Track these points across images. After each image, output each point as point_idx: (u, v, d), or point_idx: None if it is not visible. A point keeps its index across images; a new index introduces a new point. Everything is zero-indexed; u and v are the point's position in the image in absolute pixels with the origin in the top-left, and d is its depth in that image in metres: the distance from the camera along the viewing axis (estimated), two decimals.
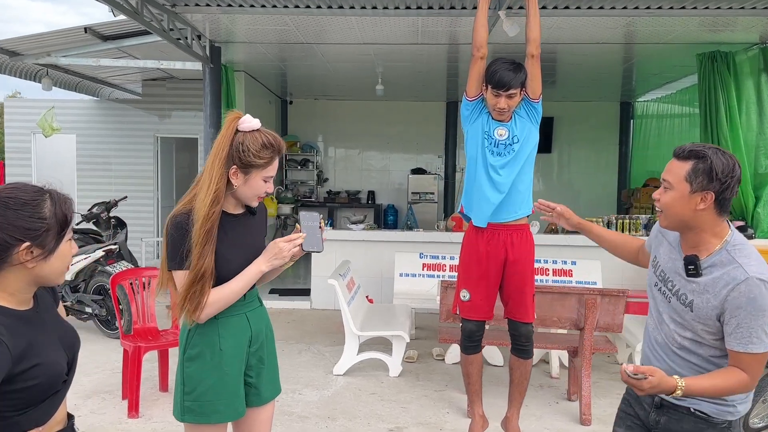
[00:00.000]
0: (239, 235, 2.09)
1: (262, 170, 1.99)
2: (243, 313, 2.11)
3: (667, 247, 1.94)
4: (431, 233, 6.73)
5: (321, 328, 6.10)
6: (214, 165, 1.99)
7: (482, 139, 3.12)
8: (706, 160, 1.74)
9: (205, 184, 1.98)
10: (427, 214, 10.37)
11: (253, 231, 2.15)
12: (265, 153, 1.98)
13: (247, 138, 1.98)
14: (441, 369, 4.93)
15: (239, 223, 2.10)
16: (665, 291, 1.89)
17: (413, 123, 10.98)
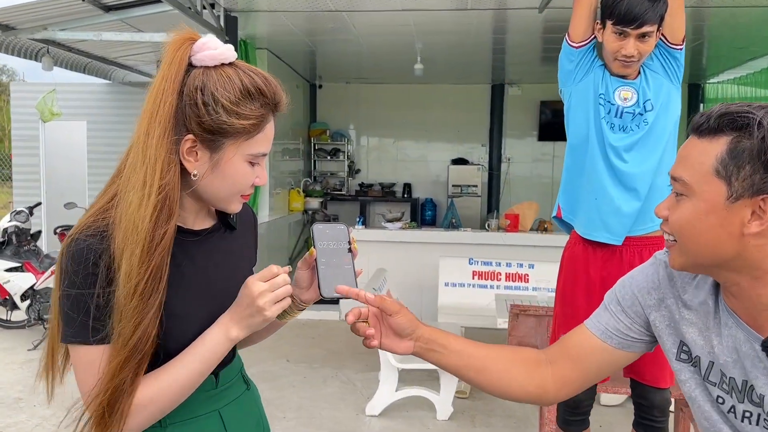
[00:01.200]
0: (204, 270, 1.16)
1: (245, 141, 1.07)
2: (213, 412, 1.17)
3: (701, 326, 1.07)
4: (481, 234, 5.72)
5: (352, 346, 5.14)
6: (150, 136, 1.04)
7: (595, 105, 2.08)
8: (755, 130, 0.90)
9: (137, 177, 1.04)
10: (469, 209, 9.31)
11: (231, 260, 1.22)
12: (249, 107, 1.06)
13: (212, 78, 1.05)
14: (502, 408, 3.93)
15: (204, 247, 1.17)
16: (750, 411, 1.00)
17: (454, 108, 9.91)
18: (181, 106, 1.05)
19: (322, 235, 1.21)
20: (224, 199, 1.12)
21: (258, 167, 1.12)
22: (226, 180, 1.09)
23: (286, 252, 8.42)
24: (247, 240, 1.30)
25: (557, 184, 9.28)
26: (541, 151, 9.84)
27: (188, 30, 1.08)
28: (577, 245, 2.19)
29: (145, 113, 1.07)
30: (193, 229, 1.16)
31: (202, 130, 1.05)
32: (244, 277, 1.24)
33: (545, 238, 5.61)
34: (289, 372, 4.52)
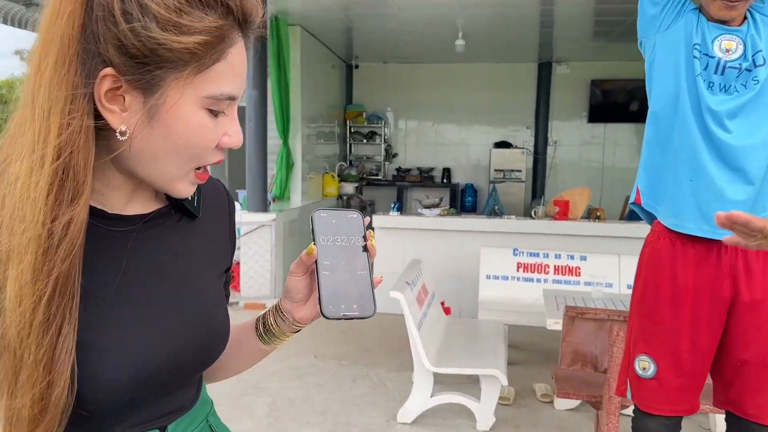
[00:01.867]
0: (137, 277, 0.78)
1: (197, 74, 0.70)
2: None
3: None
4: (526, 222, 5.25)
5: (385, 342, 4.77)
6: (42, 75, 0.67)
7: (688, 59, 1.60)
8: None
9: (25, 139, 0.69)
10: (513, 196, 8.80)
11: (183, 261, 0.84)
12: (199, 16, 0.69)
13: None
14: (551, 418, 3.50)
15: (142, 243, 0.80)
16: None
17: (498, 89, 9.37)
18: (89, 24, 0.67)
19: (327, 227, 0.85)
20: (170, 171, 0.75)
21: (225, 119, 0.75)
22: (172, 138, 0.71)
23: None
24: (217, 234, 0.92)
25: (608, 169, 8.79)
26: (591, 134, 9.23)
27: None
28: (663, 239, 1.71)
29: (38, 40, 0.69)
30: (122, 214, 0.78)
31: (127, 59, 0.67)
32: (208, 286, 0.87)
33: (599, 227, 5.11)
34: (316, 370, 4.18)
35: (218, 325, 0.85)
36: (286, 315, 0.89)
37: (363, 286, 0.84)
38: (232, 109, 0.76)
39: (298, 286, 0.87)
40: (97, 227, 0.74)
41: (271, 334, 0.92)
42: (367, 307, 0.84)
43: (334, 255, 0.84)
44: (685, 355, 1.66)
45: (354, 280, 0.84)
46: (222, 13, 0.70)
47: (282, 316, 0.90)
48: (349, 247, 0.85)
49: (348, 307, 0.83)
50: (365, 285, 0.84)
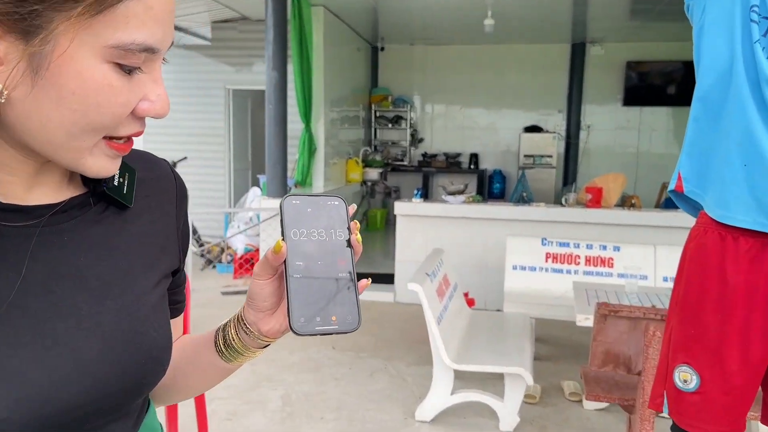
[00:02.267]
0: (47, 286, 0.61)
1: (95, 15, 0.52)
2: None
3: None
4: (556, 209, 5.00)
5: (405, 333, 4.59)
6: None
7: (745, 22, 1.34)
8: None
9: None
10: (543, 182, 8.51)
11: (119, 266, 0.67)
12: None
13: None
14: (579, 419, 3.29)
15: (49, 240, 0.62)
16: None
17: (528, 71, 9.04)
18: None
19: (300, 217, 0.67)
20: (70, 144, 0.57)
21: (144, 79, 0.59)
22: (66, 99, 0.55)
23: None
24: (159, 227, 0.74)
25: (643, 155, 8.43)
26: (626, 118, 8.86)
27: None
28: (710, 233, 1.47)
29: None
30: (23, 204, 0.61)
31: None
32: (142, 296, 0.69)
33: (633, 216, 4.83)
34: (333, 362, 4.03)
35: (154, 344, 0.68)
36: (250, 327, 0.72)
37: (344, 291, 0.67)
38: (153, 66, 0.59)
39: (263, 292, 0.69)
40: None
41: (232, 349, 0.75)
42: (350, 319, 0.67)
43: (309, 253, 0.66)
44: (733, 367, 1.43)
45: (333, 285, 0.67)
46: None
47: (245, 329, 0.72)
48: (327, 242, 0.68)
49: (324, 320, 0.65)
50: (347, 290, 0.67)
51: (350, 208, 0.71)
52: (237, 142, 8.61)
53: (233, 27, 8.11)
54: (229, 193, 8.55)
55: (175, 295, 0.81)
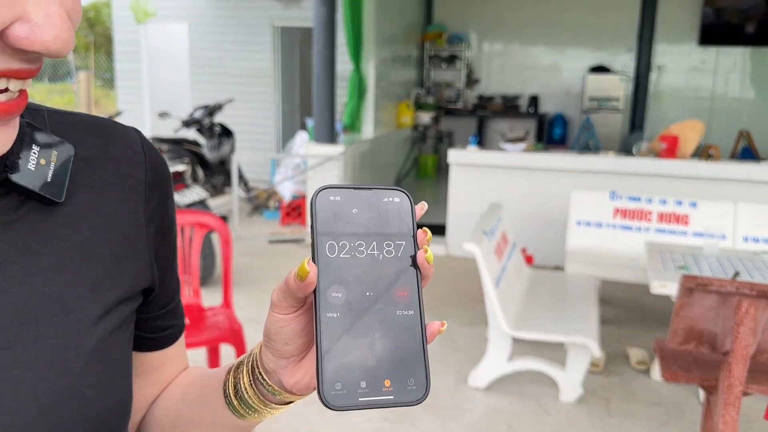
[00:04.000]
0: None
1: None
2: None
3: None
4: (627, 160, 4.59)
5: (458, 290, 4.37)
6: None
7: None
8: None
9: None
10: (609, 127, 7.98)
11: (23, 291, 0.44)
12: None
13: None
14: (647, 390, 3.03)
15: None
16: None
17: (596, 5, 8.34)
18: None
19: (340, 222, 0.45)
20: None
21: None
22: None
23: (392, 173, 7.65)
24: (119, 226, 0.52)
25: (719, 99, 7.81)
26: (701, 59, 8.14)
27: None
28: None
29: None
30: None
31: None
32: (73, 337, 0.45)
33: (712, 168, 4.39)
34: None
35: (91, 411, 0.45)
36: (268, 379, 0.49)
37: (405, 339, 0.44)
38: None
39: (285, 331, 0.46)
40: None
41: (245, 404, 0.52)
42: (413, 385, 0.44)
43: (352, 279, 0.44)
44: None
45: (389, 330, 0.44)
46: None
47: (262, 381, 0.49)
48: (381, 262, 0.44)
49: (373, 386, 0.42)
50: (409, 338, 0.44)
51: (418, 207, 0.45)
52: (285, 83, 8.36)
53: None
54: (276, 136, 8.37)
55: (162, 320, 0.58)
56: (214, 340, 2.59)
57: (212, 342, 2.61)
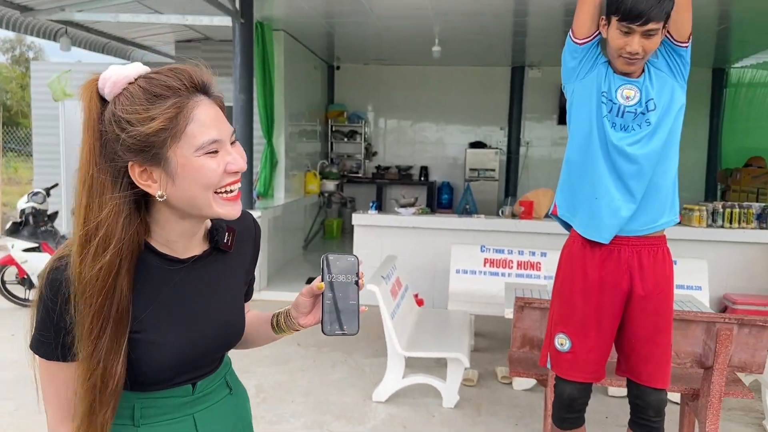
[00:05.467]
0: (187, 299, 1.14)
1: (180, 139, 1.02)
2: (188, 416, 1.18)
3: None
4: (494, 220, 5.68)
5: (362, 331, 5.03)
6: (88, 179, 1.03)
7: (598, 103, 2.04)
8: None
9: (75, 216, 1.05)
10: (487, 194, 9.26)
11: (220, 286, 1.20)
12: (160, 107, 1.01)
13: (118, 104, 1.01)
14: (508, 398, 3.94)
15: (190, 276, 1.15)
16: None
17: (473, 91, 9.80)
18: (105, 143, 1.03)
19: (333, 267, 1.18)
20: (202, 201, 1.05)
21: (224, 154, 1.05)
22: (193, 182, 1.03)
23: (301, 234, 8.46)
24: (244, 258, 1.27)
25: None
26: (561, 135, 9.70)
27: (93, 74, 1.05)
28: (576, 244, 2.17)
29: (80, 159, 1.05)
30: (180, 257, 1.13)
31: (136, 153, 1.01)
32: (232, 304, 1.23)
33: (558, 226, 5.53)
34: (299, 356, 4.57)
35: (235, 328, 1.24)
36: (293, 320, 1.26)
37: (352, 312, 1.18)
38: (224, 145, 1.06)
39: (304, 303, 1.22)
40: (162, 266, 1.11)
41: (280, 329, 1.30)
42: (354, 328, 1.18)
43: (336, 289, 1.17)
44: (592, 334, 2.10)
45: (346, 308, 1.17)
46: (176, 94, 1.02)
47: (289, 321, 1.27)
48: (346, 282, 1.18)
49: (340, 327, 1.17)
50: (354, 311, 1.18)
51: (360, 261, 1.22)
52: None
53: (196, 46, 8.53)
54: None
55: (248, 289, 1.36)
56: None
57: None
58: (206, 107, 1.04)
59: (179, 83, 1.03)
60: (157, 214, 1.09)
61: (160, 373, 1.11)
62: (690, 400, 3.20)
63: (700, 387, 3.05)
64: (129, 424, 1.13)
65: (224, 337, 1.21)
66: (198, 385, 1.19)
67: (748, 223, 5.57)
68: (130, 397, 1.12)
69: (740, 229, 5.52)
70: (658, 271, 2.10)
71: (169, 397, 1.15)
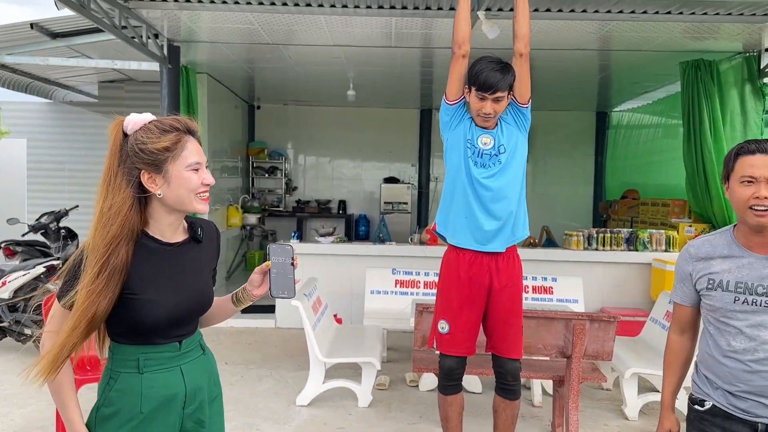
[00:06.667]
0: (175, 272, 1.67)
1: (177, 159, 1.59)
2: (176, 367, 1.68)
3: (726, 262, 1.82)
4: (404, 247, 6.36)
5: (286, 350, 5.65)
6: (106, 181, 1.59)
7: (465, 147, 2.75)
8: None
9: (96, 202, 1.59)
10: (400, 225, 9.99)
11: (195, 266, 1.73)
12: (168, 137, 1.59)
13: (139, 133, 1.59)
14: (415, 397, 4.54)
15: (174, 256, 1.67)
16: (757, 299, 1.76)
17: (386, 131, 10.62)
18: (126, 157, 1.59)
19: (275, 252, 1.74)
20: (186, 200, 1.62)
21: (201, 172, 1.63)
22: (181, 187, 1.60)
23: (224, 266, 8.82)
24: (210, 252, 1.81)
25: None
26: None
27: (118, 117, 1.63)
28: (451, 252, 2.85)
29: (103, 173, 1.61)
30: (169, 242, 1.68)
31: (148, 164, 1.58)
32: (203, 279, 1.78)
33: None
34: (227, 373, 4.98)
35: (206, 297, 1.77)
36: (248, 292, 1.80)
37: (291, 282, 1.74)
38: (202, 166, 1.65)
39: (256, 279, 1.77)
40: (158, 246, 1.65)
41: (239, 301, 1.82)
42: (292, 293, 1.75)
43: (278, 266, 1.73)
44: (464, 319, 2.76)
45: (286, 280, 1.74)
46: (176, 130, 1.61)
47: (246, 294, 1.80)
48: (285, 262, 1.74)
49: (283, 292, 1.73)
50: (291, 282, 1.74)
51: (293, 249, 1.80)
52: None
53: (119, 87, 8.84)
54: None
55: (213, 277, 1.88)
56: None
57: None
58: (193, 142, 1.65)
59: (179, 125, 1.62)
60: (152, 210, 1.64)
61: (157, 326, 1.62)
62: (558, 387, 3.92)
63: (564, 374, 3.78)
64: (135, 372, 1.63)
65: (200, 301, 1.74)
66: (183, 343, 1.70)
67: (618, 245, 6.53)
68: (135, 351, 1.63)
69: (611, 251, 6.47)
70: (510, 270, 2.80)
71: (163, 352, 1.66)
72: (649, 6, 5.02)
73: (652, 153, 9.03)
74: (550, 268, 6.08)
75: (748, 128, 6.34)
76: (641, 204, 8.59)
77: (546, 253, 6.42)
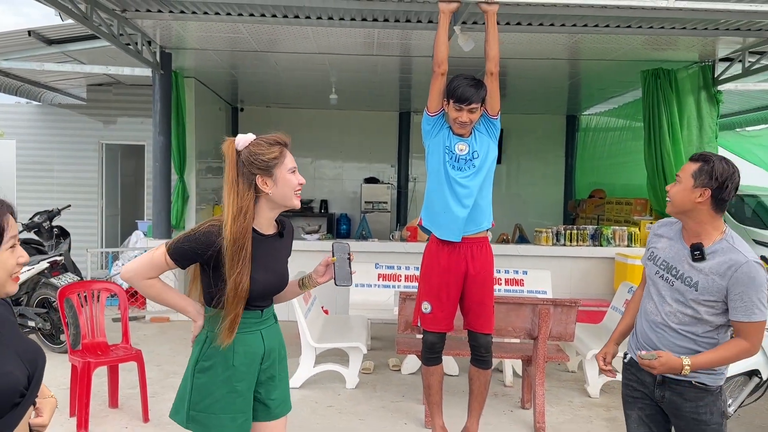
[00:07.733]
0: (268, 257, 2.07)
1: (282, 165, 2.01)
2: (258, 330, 2.10)
3: (666, 242, 2.25)
4: (386, 243, 6.75)
5: None
6: (232, 187, 2.00)
7: (443, 153, 3.17)
8: (710, 163, 2.10)
9: (228, 205, 1.98)
10: (380, 223, 10.39)
11: (280, 254, 2.13)
12: (275, 148, 2.01)
13: (250, 147, 2.00)
14: (397, 379, 4.94)
15: (268, 245, 2.07)
16: (668, 277, 2.19)
17: (366, 133, 11.01)
18: (243, 168, 1.99)
19: (338, 249, 2.13)
20: (288, 196, 2.03)
21: (296, 174, 2.06)
22: (285, 186, 2.03)
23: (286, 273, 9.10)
24: (289, 244, 2.21)
25: None
26: None
27: (230, 138, 2.03)
28: (433, 243, 3.27)
29: (226, 182, 2.02)
30: (265, 234, 2.07)
31: (262, 170, 2.00)
32: (284, 264, 2.16)
33: None
34: None
35: (286, 278, 2.14)
36: (312, 279, 2.18)
37: (348, 274, 2.11)
38: (296, 170, 2.05)
39: (321, 270, 2.15)
40: (258, 237, 2.01)
41: (305, 286, 2.21)
42: (350, 282, 2.11)
43: (339, 260, 2.11)
44: (443, 300, 3.19)
45: (345, 271, 2.10)
46: (279, 144, 2.02)
47: (311, 280, 2.18)
48: (344, 257, 2.12)
49: (344, 281, 2.10)
50: (349, 273, 2.11)
51: (349, 246, 2.18)
52: (108, 191, 9.49)
53: (107, 90, 9.09)
54: (101, 237, 9.35)
55: None
56: (116, 360, 4.00)
57: (115, 362, 4.02)
58: (290, 153, 2.08)
59: (281, 140, 2.05)
60: (258, 208, 2.04)
61: (255, 296, 2.01)
62: (527, 366, 4.36)
63: (531, 354, 4.21)
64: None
65: (282, 281, 2.12)
66: (264, 311, 2.10)
67: (584, 241, 7.01)
68: None
69: (578, 247, 6.95)
70: (483, 258, 3.23)
71: (250, 318, 2.05)
72: (612, 21, 5.49)
73: (618, 154, 9.56)
74: (522, 262, 6.54)
75: (704, 132, 6.88)
76: (607, 203, 9.11)
77: (518, 248, 6.87)
